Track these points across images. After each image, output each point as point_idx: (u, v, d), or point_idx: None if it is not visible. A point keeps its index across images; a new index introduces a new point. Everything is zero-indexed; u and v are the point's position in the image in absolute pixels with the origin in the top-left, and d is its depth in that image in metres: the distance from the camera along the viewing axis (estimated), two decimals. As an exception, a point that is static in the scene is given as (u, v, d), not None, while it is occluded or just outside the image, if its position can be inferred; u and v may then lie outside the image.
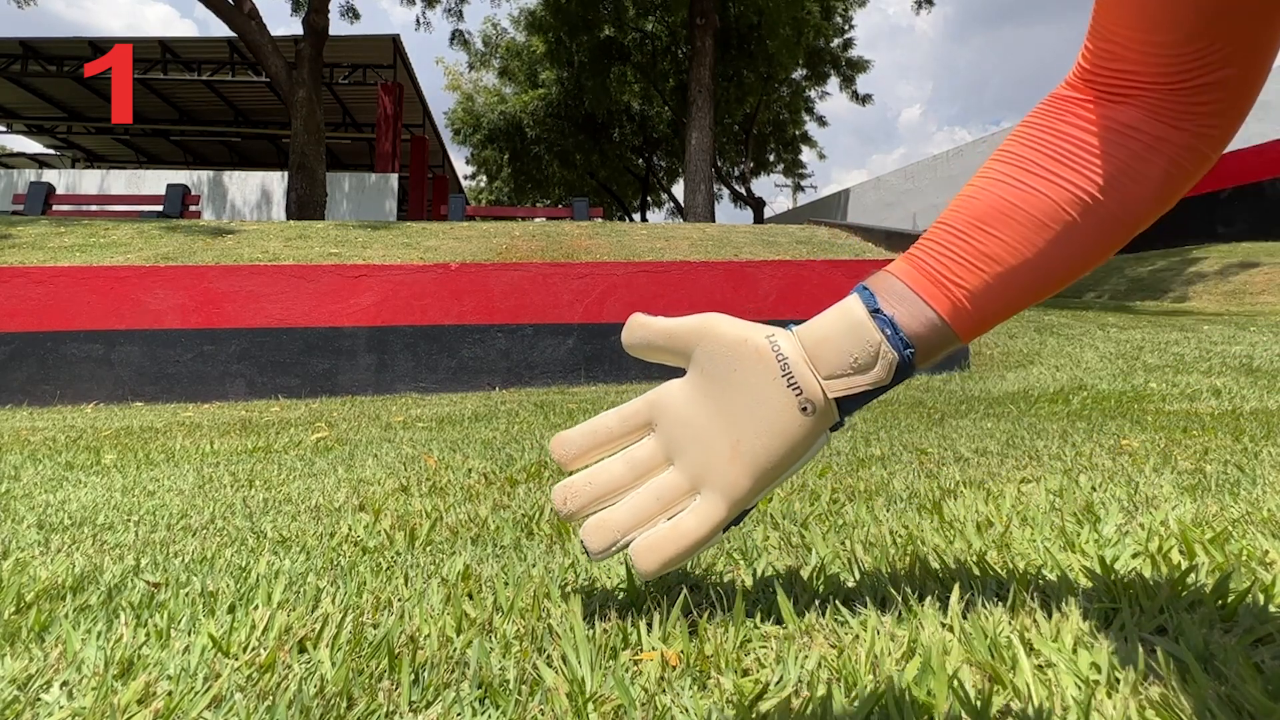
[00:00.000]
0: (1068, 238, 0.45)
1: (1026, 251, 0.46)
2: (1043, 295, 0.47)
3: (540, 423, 2.13)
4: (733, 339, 0.50)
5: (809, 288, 4.07)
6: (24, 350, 3.79)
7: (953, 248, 0.47)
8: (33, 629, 0.58)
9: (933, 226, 0.50)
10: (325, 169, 8.25)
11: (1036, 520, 0.78)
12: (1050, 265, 0.46)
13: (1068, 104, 0.47)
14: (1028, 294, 0.47)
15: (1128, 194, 0.44)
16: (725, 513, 0.49)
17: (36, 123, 16.01)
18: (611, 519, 0.51)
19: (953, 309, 0.47)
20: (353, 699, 0.44)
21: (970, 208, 0.48)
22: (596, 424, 0.54)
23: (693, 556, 0.50)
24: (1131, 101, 0.44)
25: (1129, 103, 0.44)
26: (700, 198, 10.16)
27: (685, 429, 0.50)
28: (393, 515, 0.97)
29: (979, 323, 0.48)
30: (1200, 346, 3.54)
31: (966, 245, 0.47)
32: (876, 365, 0.47)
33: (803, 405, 0.47)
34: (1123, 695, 0.39)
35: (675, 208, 20.30)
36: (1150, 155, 0.44)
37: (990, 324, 0.48)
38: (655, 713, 0.41)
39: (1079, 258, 0.46)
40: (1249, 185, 9.18)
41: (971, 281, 0.46)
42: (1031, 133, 0.48)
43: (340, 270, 4.07)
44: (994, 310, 0.47)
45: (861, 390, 0.47)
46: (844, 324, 0.48)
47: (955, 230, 0.48)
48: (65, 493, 1.27)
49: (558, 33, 13.59)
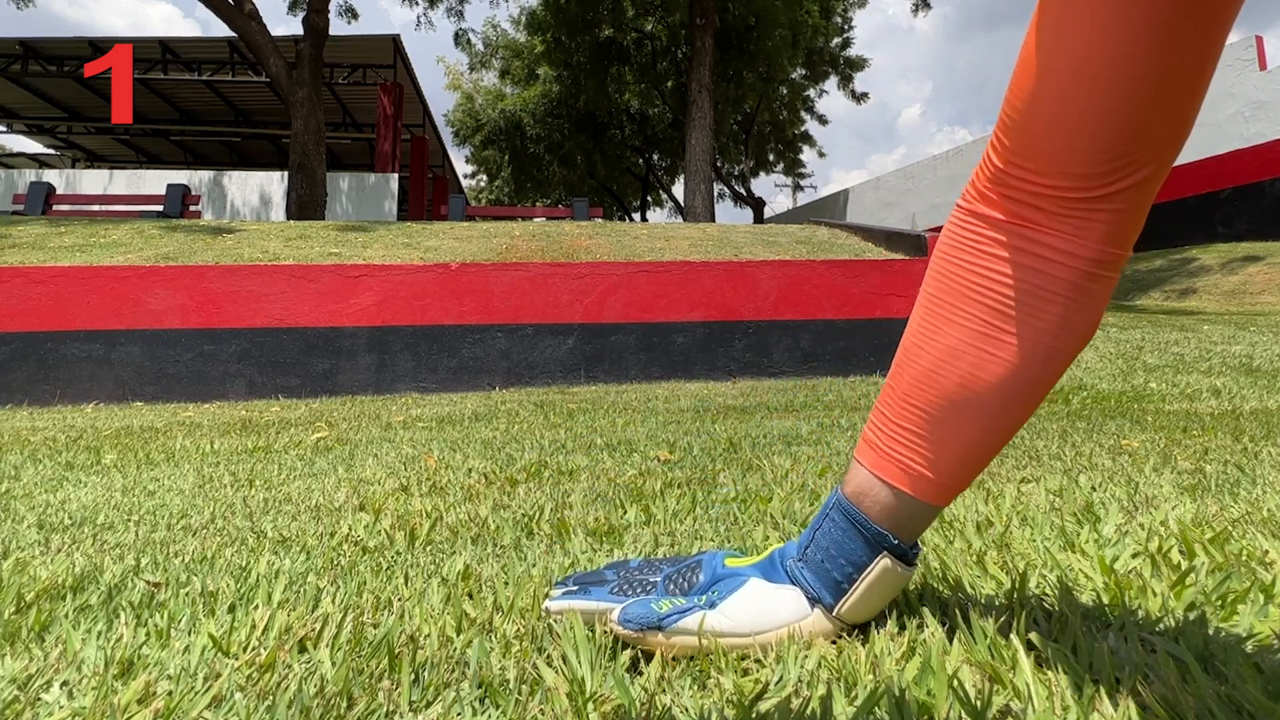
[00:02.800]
0: (1023, 396, 0.45)
1: (990, 423, 0.46)
2: (1002, 439, 0.47)
3: (540, 422, 2.13)
4: None
5: (809, 288, 4.06)
6: (24, 350, 3.79)
7: (918, 433, 0.48)
8: (33, 629, 0.58)
9: (889, 401, 0.50)
10: (325, 169, 8.24)
11: (1036, 520, 0.78)
12: (1009, 423, 0.46)
13: (971, 227, 0.46)
14: (994, 450, 0.47)
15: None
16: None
17: (36, 123, 16.00)
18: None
19: (936, 492, 0.48)
20: (353, 699, 0.44)
21: (898, 380, 0.49)
22: None
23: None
24: (1040, 213, 0.43)
25: (1039, 214, 0.43)
26: (700, 198, 10.16)
27: None
28: (393, 515, 0.97)
29: (957, 491, 0.49)
30: (1200, 346, 3.54)
31: (931, 432, 0.47)
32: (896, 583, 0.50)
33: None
34: (1123, 695, 0.39)
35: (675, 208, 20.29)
36: (1056, 271, 0.43)
37: (962, 484, 0.49)
38: (655, 713, 0.41)
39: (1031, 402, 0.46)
40: (1249, 185, 9.17)
41: (942, 467, 0.47)
42: (941, 265, 0.48)
43: (340, 270, 4.07)
44: (969, 476, 0.48)
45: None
46: (873, 583, 0.49)
47: (892, 405, 0.49)
48: (65, 493, 1.27)
49: (557, 33, 13.58)
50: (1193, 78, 0.37)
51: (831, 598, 0.49)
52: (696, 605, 0.50)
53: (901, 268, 4.13)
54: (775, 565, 0.53)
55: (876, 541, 0.48)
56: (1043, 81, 0.40)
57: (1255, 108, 9.12)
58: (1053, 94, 0.39)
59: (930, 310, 0.48)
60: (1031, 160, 0.42)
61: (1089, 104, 0.38)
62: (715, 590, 0.52)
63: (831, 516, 0.51)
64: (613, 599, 0.55)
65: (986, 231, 0.45)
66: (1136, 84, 0.37)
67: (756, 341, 4.05)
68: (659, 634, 0.48)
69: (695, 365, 4.04)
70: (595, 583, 0.58)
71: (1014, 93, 0.41)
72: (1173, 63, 0.36)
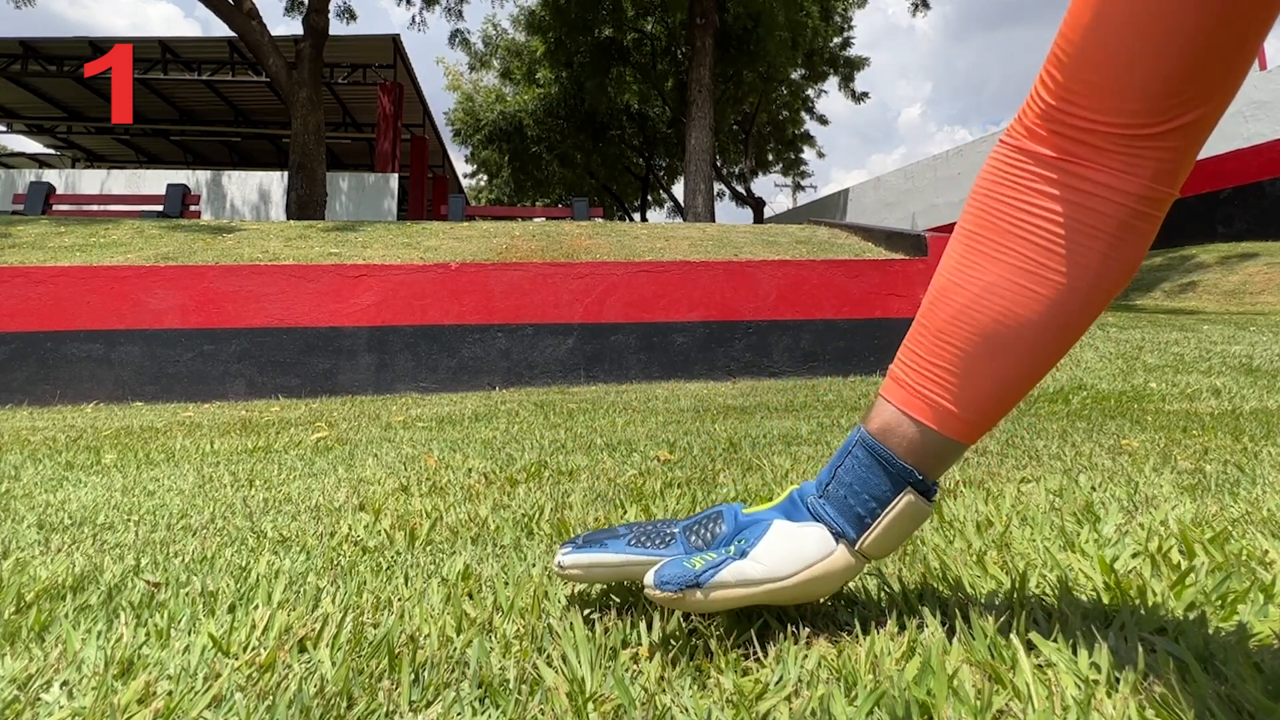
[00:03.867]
0: (1051, 334, 0.45)
1: (1013, 360, 0.46)
2: (1032, 383, 0.47)
3: (540, 422, 2.13)
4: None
5: (809, 288, 4.06)
6: (24, 350, 3.79)
7: (943, 365, 0.48)
8: (33, 629, 0.57)
9: (918, 334, 0.50)
10: (325, 169, 8.24)
11: (1036, 520, 0.78)
12: (1039, 360, 0.46)
13: (1025, 176, 0.45)
14: (1022, 388, 0.47)
15: (1082, 256, 0.43)
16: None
17: (36, 123, 16.00)
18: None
19: (960, 426, 0.48)
20: (353, 699, 0.44)
21: (932, 317, 0.49)
22: None
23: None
24: (1090, 150, 0.42)
25: (1088, 151, 0.42)
26: (700, 198, 10.16)
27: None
28: (393, 515, 0.97)
29: (985, 428, 0.48)
30: (1200, 346, 3.54)
31: (956, 363, 0.47)
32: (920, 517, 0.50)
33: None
34: (1123, 695, 0.39)
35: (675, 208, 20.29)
36: (1103, 208, 0.43)
37: (995, 423, 0.48)
38: (655, 712, 0.41)
39: (1063, 343, 0.45)
40: (1249, 185, 9.17)
41: (967, 400, 0.47)
42: (994, 213, 0.47)
43: (340, 270, 4.07)
44: (997, 414, 0.48)
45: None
46: (898, 515, 0.49)
47: (939, 345, 0.49)
48: (65, 493, 1.27)
49: (557, 33, 13.58)
50: (1254, 17, 0.37)
51: (855, 532, 0.49)
52: (728, 557, 0.49)
53: (901, 268, 4.13)
54: (797, 504, 0.53)
55: (901, 477, 0.48)
56: (1102, 13, 0.39)
57: (1255, 108, 9.12)
58: (1112, 26, 0.39)
59: (970, 246, 0.47)
60: (1085, 96, 0.41)
61: (1149, 36, 0.38)
62: (742, 539, 0.51)
63: (854, 454, 0.51)
64: (631, 551, 0.54)
65: (1033, 168, 0.45)
66: (1200, 15, 0.37)
67: (756, 341, 4.05)
68: (697, 591, 0.48)
69: (695, 365, 4.04)
70: (609, 537, 0.57)
71: (1070, 25, 0.41)
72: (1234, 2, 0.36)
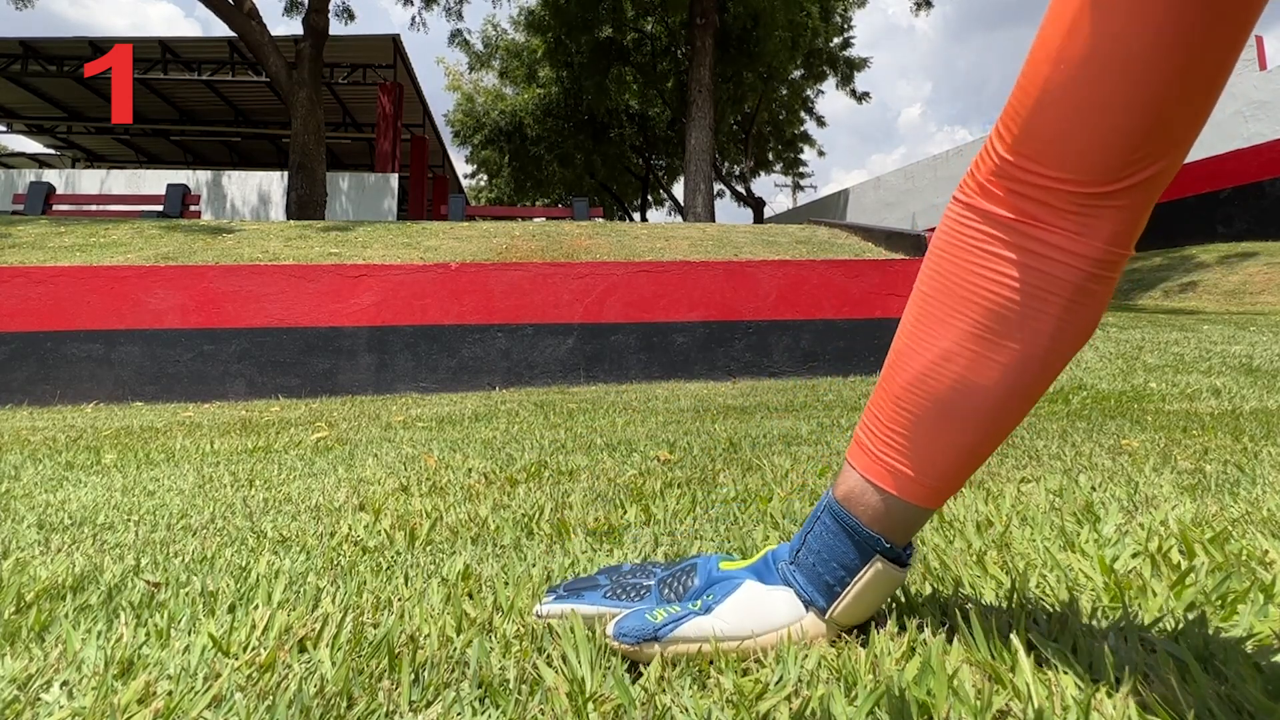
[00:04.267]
0: (1014, 400, 0.45)
1: (979, 427, 0.45)
2: (993, 442, 0.47)
3: (540, 422, 2.13)
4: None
5: (809, 288, 4.06)
6: (24, 350, 3.79)
7: (904, 435, 0.47)
8: (33, 629, 0.57)
9: (880, 403, 0.49)
10: (325, 169, 8.24)
11: (1036, 520, 0.78)
12: (1001, 425, 0.45)
13: (970, 224, 0.45)
14: (986, 451, 0.47)
15: (1036, 321, 0.43)
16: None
17: (36, 123, 16.01)
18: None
19: (925, 494, 0.47)
20: (353, 698, 0.44)
21: (890, 382, 0.48)
22: None
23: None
24: (1041, 209, 0.41)
25: (1038, 211, 0.42)
26: (700, 198, 10.16)
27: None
28: (393, 515, 0.97)
29: (948, 493, 0.48)
30: (1200, 346, 3.54)
31: (916, 434, 0.47)
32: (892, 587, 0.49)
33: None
34: (1123, 695, 0.39)
35: (675, 207, 20.30)
36: (1058, 272, 0.42)
37: (953, 487, 0.48)
38: (655, 712, 0.41)
39: (1023, 407, 0.45)
40: (1249, 185, 9.17)
41: (932, 469, 0.47)
42: (938, 263, 0.46)
43: (340, 270, 4.07)
44: (960, 478, 0.47)
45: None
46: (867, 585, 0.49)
47: (883, 407, 0.48)
48: (65, 492, 1.27)
49: (557, 33, 13.58)
50: (1216, 71, 0.37)
51: (824, 601, 0.49)
52: (691, 611, 0.49)
53: (901, 268, 4.13)
54: (769, 566, 0.52)
55: (868, 545, 0.48)
56: (1062, 68, 0.38)
57: (1255, 107, 9.12)
58: (1072, 82, 0.38)
59: (924, 311, 0.47)
60: (1042, 153, 0.40)
61: (1112, 94, 0.37)
62: (710, 594, 0.51)
63: (822, 520, 0.50)
64: (606, 603, 0.54)
65: (986, 228, 0.44)
66: (1161, 74, 0.36)
67: (756, 341, 4.05)
68: (655, 644, 0.48)
69: (695, 365, 4.04)
70: (588, 588, 0.58)
71: (1029, 79, 0.40)
72: (1199, 55, 0.36)
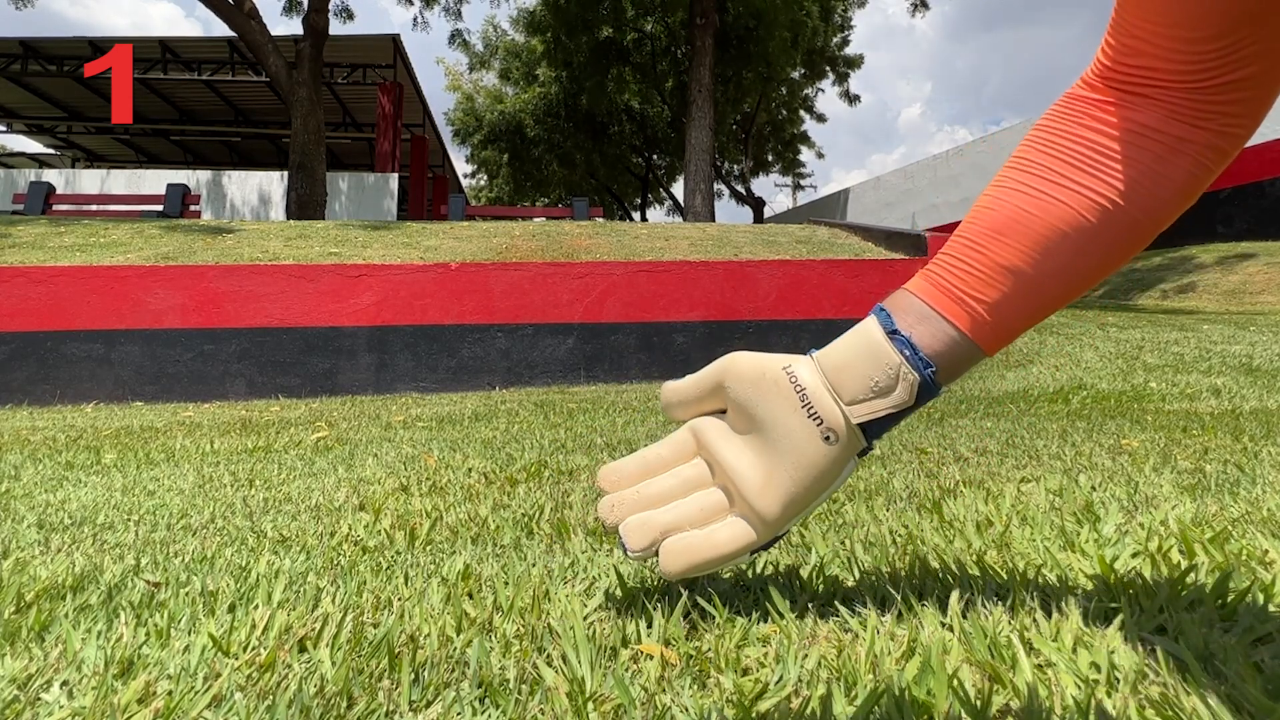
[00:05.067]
0: (1088, 244, 0.44)
1: (1045, 261, 0.45)
2: (1065, 301, 0.46)
3: (540, 422, 2.13)
4: (752, 375, 0.50)
5: (809, 288, 4.06)
6: (24, 350, 3.79)
7: (970, 261, 0.46)
8: (33, 629, 0.57)
9: (950, 239, 0.49)
10: (325, 169, 8.25)
11: (1036, 520, 0.78)
12: (1070, 272, 0.45)
13: (1085, 105, 0.46)
14: (1049, 302, 0.46)
15: (1150, 197, 0.43)
16: (754, 537, 0.50)
17: (36, 123, 16.01)
18: (655, 519, 0.52)
19: (972, 323, 0.46)
20: (353, 698, 0.44)
21: (986, 219, 0.47)
22: (648, 454, 0.55)
23: (718, 568, 0.51)
24: (1151, 101, 0.43)
25: (1149, 102, 0.43)
26: (700, 197, 10.16)
27: (725, 462, 0.51)
28: (393, 515, 0.97)
29: (1002, 334, 0.46)
30: (1200, 346, 3.54)
31: (983, 258, 0.46)
32: (898, 387, 0.46)
33: (825, 435, 0.47)
34: (1123, 695, 0.39)
35: (675, 207, 20.30)
36: (1172, 157, 0.43)
37: (1014, 334, 0.47)
38: (655, 712, 0.41)
39: (1099, 263, 0.45)
40: (1249, 185, 9.18)
41: (990, 294, 0.46)
42: (1048, 137, 0.47)
43: (340, 270, 4.07)
44: (1016, 321, 0.46)
45: (885, 414, 0.46)
46: (862, 347, 0.47)
47: (972, 243, 0.47)
48: (65, 492, 1.27)
49: (557, 33, 13.59)
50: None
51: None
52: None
53: (901, 268, 4.13)
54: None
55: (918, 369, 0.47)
56: None
57: (1257, 107, 9.12)
58: None
59: (1026, 173, 0.46)
60: (1138, 53, 0.42)
61: None
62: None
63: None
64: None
65: (1095, 111, 0.45)
66: None
67: (756, 341, 4.05)
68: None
69: (695, 365, 4.03)
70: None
71: None
72: None
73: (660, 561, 0.51)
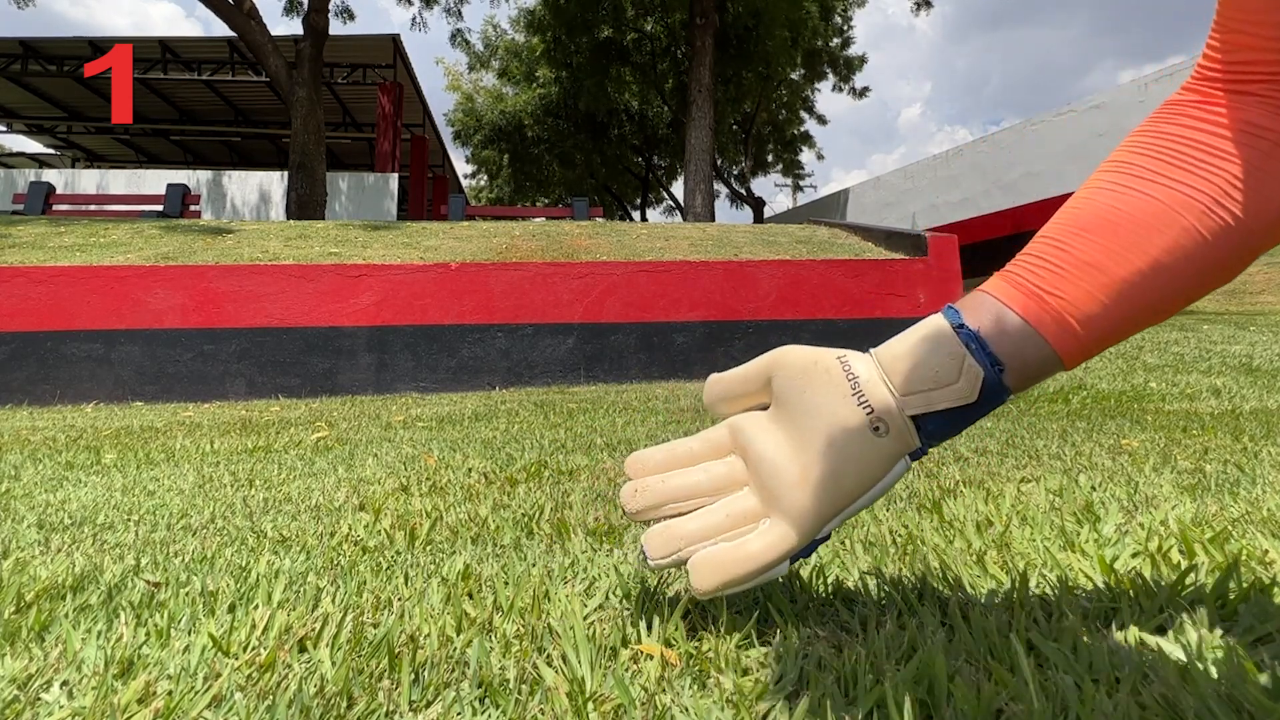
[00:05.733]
0: (1184, 247, 0.41)
1: (1134, 260, 0.41)
2: (1156, 312, 0.42)
3: (540, 422, 2.13)
4: (803, 363, 0.48)
5: (809, 288, 4.07)
6: (24, 350, 3.79)
7: (1049, 258, 0.43)
8: (33, 629, 0.58)
9: (1031, 240, 0.46)
10: (325, 169, 8.25)
11: (1036, 520, 0.78)
12: (1163, 275, 0.41)
13: (1185, 106, 0.43)
14: (1137, 311, 0.42)
15: (1256, 197, 0.40)
16: (793, 541, 0.46)
17: (36, 123, 16.01)
18: (679, 528, 0.48)
19: (1048, 320, 0.42)
20: (353, 698, 0.44)
21: (1071, 218, 0.44)
22: (676, 446, 0.52)
23: (755, 582, 0.46)
24: (1256, 98, 0.41)
25: (1253, 99, 0.41)
26: (700, 197, 10.17)
27: (761, 454, 0.48)
28: (393, 515, 0.97)
29: (1083, 341, 0.42)
30: (1200, 346, 3.54)
31: (1066, 254, 0.43)
32: (960, 380, 0.42)
33: (874, 424, 0.44)
34: (1123, 695, 0.39)
35: (675, 207, 20.31)
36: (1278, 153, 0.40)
37: (1098, 343, 0.43)
38: (655, 712, 0.41)
39: (1196, 270, 0.41)
40: (1249, 185, 9.17)
41: (1069, 292, 0.42)
42: (1143, 139, 0.44)
43: (340, 270, 4.07)
44: (1099, 326, 0.42)
45: (943, 407, 0.43)
46: (924, 337, 0.44)
47: (1054, 241, 0.44)
48: (65, 492, 1.27)
49: (556, 33, 13.59)
50: None
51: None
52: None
53: (901, 267, 4.13)
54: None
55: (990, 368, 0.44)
56: None
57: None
58: None
59: (1117, 172, 0.44)
60: (1240, 48, 0.40)
61: None
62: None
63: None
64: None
65: (1195, 110, 0.43)
66: None
67: (756, 341, 4.05)
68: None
69: (695, 365, 4.04)
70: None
71: None
72: None
73: (690, 580, 0.47)
